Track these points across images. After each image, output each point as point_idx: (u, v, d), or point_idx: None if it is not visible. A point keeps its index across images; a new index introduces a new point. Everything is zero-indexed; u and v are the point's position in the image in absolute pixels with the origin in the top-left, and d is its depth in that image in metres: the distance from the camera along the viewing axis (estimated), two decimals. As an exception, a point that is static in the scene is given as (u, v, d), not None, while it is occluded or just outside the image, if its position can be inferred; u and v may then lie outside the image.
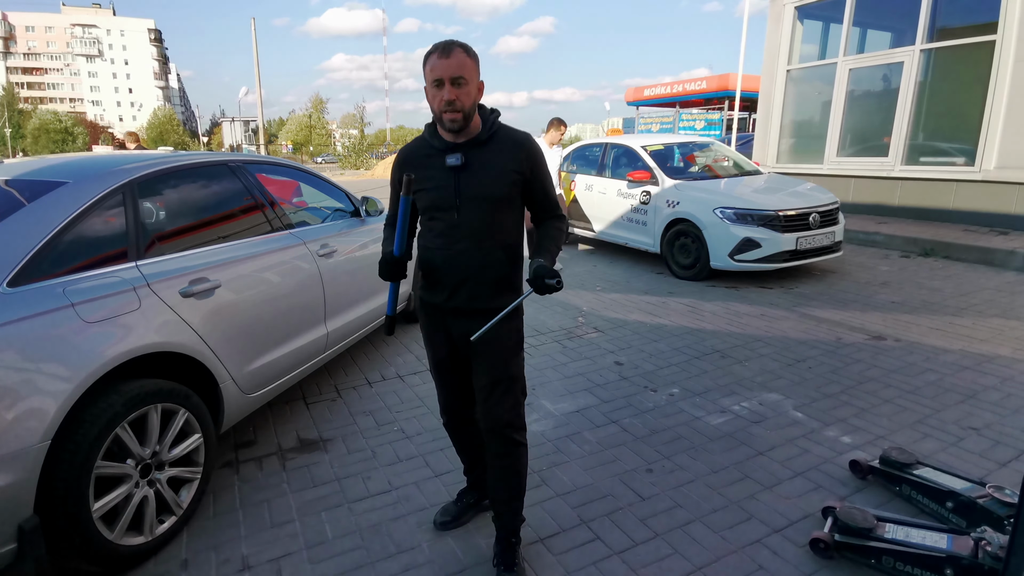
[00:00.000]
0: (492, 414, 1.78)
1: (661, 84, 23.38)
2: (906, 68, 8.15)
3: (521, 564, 1.85)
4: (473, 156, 1.69)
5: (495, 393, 1.77)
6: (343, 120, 68.75)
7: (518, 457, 1.82)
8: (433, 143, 1.72)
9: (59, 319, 1.72)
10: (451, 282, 1.75)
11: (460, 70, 1.58)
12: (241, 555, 1.97)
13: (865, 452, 2.50)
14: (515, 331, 1.80)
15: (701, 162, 6.77)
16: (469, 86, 1.61)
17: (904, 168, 8.26)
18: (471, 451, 2.07)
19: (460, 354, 1.85)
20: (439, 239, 1.74)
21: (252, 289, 2.54)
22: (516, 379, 1.80)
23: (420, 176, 1.72)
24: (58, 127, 61.17)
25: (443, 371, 1.91)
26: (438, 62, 1.58)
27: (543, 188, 1.79)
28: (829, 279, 5.58)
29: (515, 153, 1.71)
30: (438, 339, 1.86)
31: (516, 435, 1.80)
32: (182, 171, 2.55)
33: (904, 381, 3.24)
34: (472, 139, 1.69)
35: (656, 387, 3.22)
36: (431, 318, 1.86)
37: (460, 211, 1.70)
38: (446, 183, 1.70)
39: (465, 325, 1.76)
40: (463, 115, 1.62)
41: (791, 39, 9.72)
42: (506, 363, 1.77)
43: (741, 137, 14.61)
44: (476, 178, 1.69)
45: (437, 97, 1.60)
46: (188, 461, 2.10)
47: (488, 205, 1.70)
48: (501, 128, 1.74)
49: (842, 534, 1.89)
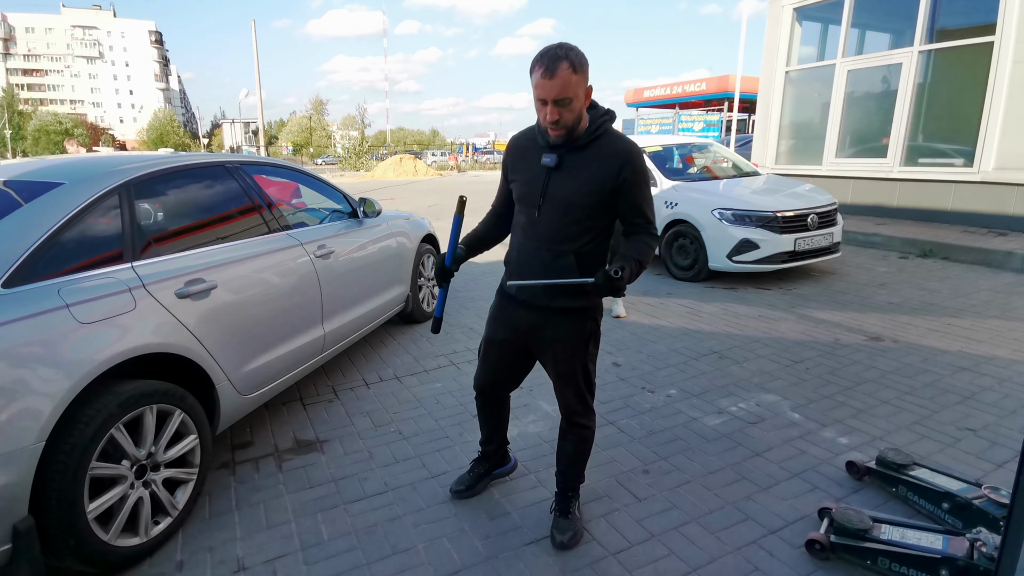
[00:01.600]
0: (561, 400, 1.95)
1: (660, 85, 23.41)
2: (905, 69, 8.15)
3: (575, 513, 2.03)
4: (569, 159, 1.69)
5: (562, 386, 1.91)
6: (344, 121, 68.79)
7: (584, 436, 1.99)
8: (538, 139, 1.75)
9: (54, 320, 1.72)
10: (521, 277, 1.80)
11: (563, 91, 1.55)
12: (236, 556, 1.96)
13: (862, 453, 2.50)
14: (585, 330, 1.84)
15: (700, 163, 6.78)
16: (574, 103, 1.59)
17: (903, 169, 8.27)
18: (493, 426, 2.21)
19: (518, 344, 1.94)
20: (519, 233, 1.82)
21: (249, 290, 2.54)
22: (579, 373, 1.87)
23: (517, 167, 1.80)
24: (58, 128, 61.24)
25: (494, 352, 2.01)
26: (542, 81, 1.55)
27: (636, 202, 1.72)
28: (827, 280, 5.58)
29: (612, 163, 1.67)
30: (501, 322, 1.95)
31: (581, 419, 1.95)
32: (179, 172, 2.55)
33: (901, 382, 3.24)
34: (571, 142, 1.69)
35: (654, 388, 3.22)
36: (501, 302, 1.95)
37: (540, 211, 1.73)
38: (536, 180, 1.73)
39: (530, 319, 1.85)
40: (566, 130, 1.64)
41: (790, 40, 9.73)
42: (572, 359, 1.85)
43: (740, 138, 14.63)
44: (564, 181, 1.69)
45: (541, 112, 1.62)
46: (184, 462, 2.10)
47: (568, 210, 1.70)
48: (607, 134, 1.70)
49: (838, 535, 1.88)
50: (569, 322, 1.82)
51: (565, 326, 1.82)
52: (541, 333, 1.86)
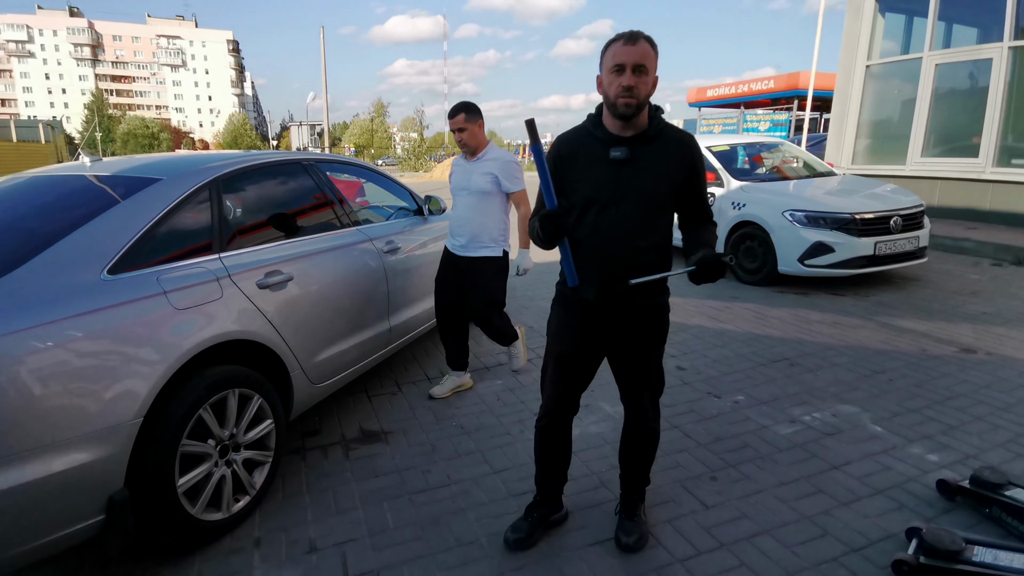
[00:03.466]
0: (634, 403, 1.91)
1: (725, 84, 22.73)
2: (995, 65, 7.55)
3: (641, 516, 1.99)
4: (638, 151, 1.67)
5: (637, 386, 1.88)
6: (403, 123, 70.55)
7: (654, 439, 1.97)
8: (596, 133, 1.71)
9: (154, 305, 1.84)
10: (601, 278, 1.73)
11: (643, 58, 1.58)
12: (308, 537, 2.04)
13: (953, 472, 2.32)
14: (663, 327, 1.83)
15: (769, 163, 6.52)
16: (648, 76, 1.60)
17: (996, 170, 7.66)
18: (555, 461, 2.00)
19: (590, 352, 1.86)
20: (592, 233, 1.71)
21: (322, 283, 2.63)
22: (655, 373, 1.87)
23: (576, 166, 1.71)
24: (145, 132, 66.03)
25: (563, 368, 1.87)
26: (623, 48, 1.58)
27: (700, 191, 1.77)
28: (911, 287, 5.23)
29: (681, 152, 1.70)
30: (572, 334, 1.84)
31: (652, 423, 1.93)
32: (260, 169, 2.68)
33: (996, 397, 2.99)
34: (639, 134, 1.67)
35: (720, 393, 3.11)
36: (569, 312, 1.83)
37: (619, 207, 1.67)
38: (606, 175, 1.68)
39: (606, 322, 1.79)
40: (637, 103, 1.60)
41: (871, 33, 9.20)
42: (649, 359, 1.84)
43: (812, 138, 13.96)
44: (639, 173, 1.66)
45: (615, 83, 1.59)
46: (261, 445, 2.20)
47: (647, 202, 1.68)
48: (667, 127, 1.72)
49: (928, 557, 1.76)
50: (648, 319, 1.79)
51: (645, 324, 1.79)
52: (620, 333, 1.80)
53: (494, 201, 2.98)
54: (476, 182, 2.95)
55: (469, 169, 2.99)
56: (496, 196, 2.98)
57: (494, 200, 2.98)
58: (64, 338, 1.60)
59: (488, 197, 2.96)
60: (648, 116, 1.68)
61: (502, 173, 2.95)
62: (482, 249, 2.99)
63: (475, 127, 2.92)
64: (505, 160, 2.98)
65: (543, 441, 1.99)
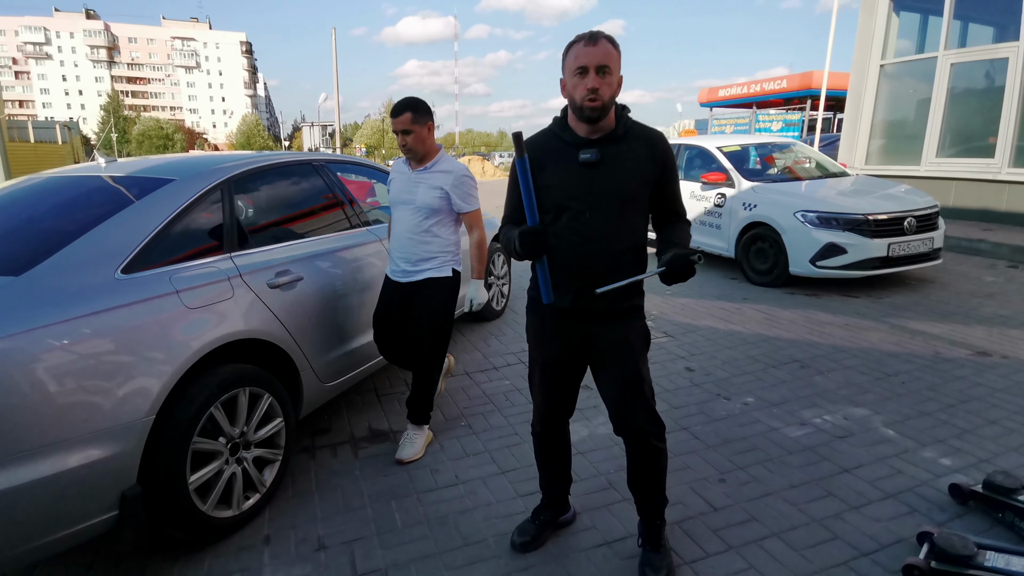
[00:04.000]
0: (629, 423, 1.74)
1: (737, 84, 22.57)
2: (1011, 64, 7.44)
3: (666, 544, 1.87)
4: (607, 152, 1.62)
5: (627, 398, 1.72)
6: (414, 124, 70.67)
7: (660, 459, 1.79)
8: (563, 136, 1.66)
9: (166, 304, 1.87)
10: (577, 284, 1.66)
11: (606, 59, 1.54)
12: (317, 535, 2.06)
13: (966, 476, 2.29)
14: (642, 330, 1.75)
15: (781, 163, 6.46)
16: (612, 77, 1.56)
17: (1012, 171, 7.54)
18: (556, 465, 1.98)
19: (574, 359, 1.78)
20: (566, 239, 1.65)
21: (332, 283, 2.65)
22: (645, 380, 1.74)
23: (544, 170, 1.65)
24: (160, 133, 66.84)
25: (550, 376, 1.82)
26: (584, 50, 1.55)
27: (673, 189, 1.73)
28: (925, 289, 5.17)
29: (650, 151, 1.66)
30: (551, 343, 1.77)
31: (656, 442, 1.76)
32: (271, 169, 2.70)
33: (1012, 401, 2.95)
34: (607, 134, 1.64)
35: (729, 395, 3.10)
36: (546, 321, 1.77)
37: (592, 210, 1.63)
38: (577, 179, 1.63)
39: (582, 328, 1.72)
40: (603, 105, 1.56)
41: (886, 32, 9.09)
42: (636, 364, 1.71)
43: (825, 138, 13.83)
44: (610, 175, 1.62)
45: (579, 86, 1.56)
46: (271, 443, 2.22)
47: (621, 203, 1.64)
48: (635, 125, 1.68)
49: (939, 561, 1.74)
50: (626, 323, 1.72)
51: (623, 328, 1.71)
52: (598, 341, 1.72)
53: (443, 220, 2.51)
54: (423, 197, 2.46)
55: (414, 180, 2.49)
56: (446, 215, 2.51)
57: (443, 219, 2.51)
58: (79, 336, 1.63)
59: (435, 215, 2.48)
60: (615, 116, 1.65)
61: (455, 189, 2.47)
62: (427, 271, 2.51)
63: (423, 130, 2.44)
64: (458, 174, 2.49)
65: (541, 447, 1.97)
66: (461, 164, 2.55)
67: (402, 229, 2.53)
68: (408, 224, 2.51)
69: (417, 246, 2.50)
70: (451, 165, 2.51)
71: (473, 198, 2.55)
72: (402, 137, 2.44)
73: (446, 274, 2.54)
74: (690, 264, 1.54)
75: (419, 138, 2.44)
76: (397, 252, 2.56)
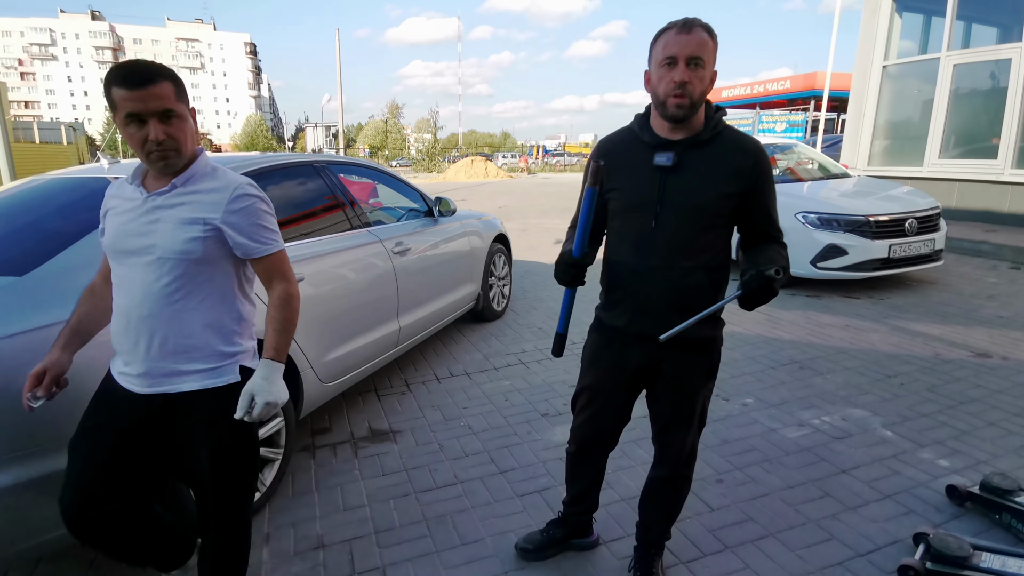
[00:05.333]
0: (668, 447, 1.67)
1: (740, 85, 22.55)
2: (1014, 65, 7.43)
3: (658, 573, 1.77)
4: (688, 157, 1.45)
5: (675, 426, 1.63)
6: (417, 124, 71.00)
7: (683, 488, 1.73)
8: (642, 136, 1.50)
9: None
10: (637, 303, 1.52)
11: (699, 50, 1.36)
12: (317, 534, 2.07)
13: (963, 477, 2.30)
14: (710, 363, 1.59)
15: (783, 164, 6.46)
16: (704, 71, 1.38)
17: (1015, 172, 7.53)
18: (585, 486, 1.87)
19: (628, 388, 1.64)
20: (629, 250, 1.52)
21: (332, 284, 2.67)
22: (698, 414, 1.62)
23: (616, 172, 1.51)
24: (164, 134, 66.94)
25: (600, 401, 1.68)
26: (675, 37, 1.37)
27: (766, 207, 1.51)
28: (926, 290, 5.16)
29: (740, 161, 1.45)
30: (605, 365, 1.64)
31: (685, 470, 1.69)
32: (271, 171, 2.72)
33: (1012, 403, 2.94)
34: (691, 137, 1.45)
35: (728, 396, 3.10)
36: (604, 340, 1.64)
37: (659, 219, 1.46)
38: (648, 184, 1.47)
39: (645, 355, 1.56)
40: (691, 102, 1.39)
41: (888, 33, 9.09)
42: (692, 400, 1.59)
43: (828, 139, 13.80)
44: (687, 182, 1.45)
45: (665, 78, 1.38)
46: (271, 442, 2.24)
47: (695, 216, 1.45)
48: (726, 129, 1.49)
49: (935, 562, 1.74)
50: (695, 355, 1.56)
51: (690, 359, 1.56)
52: (661, 369, 1.57)
53: (212, 276, 1.40)
54: (169, 238, 1.34)
55: (149, 211, 1.36)
56: (219, 265, 1.41)
57: (212, 274, 1.40)
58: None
59: (197, 268, 1.37)
60: (704, 116, 1.47)
61: (233, 220, 1.38)
62: (191, 375, 1.39)
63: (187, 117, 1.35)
64: (238, 192, 1.38)
65: (570, 466, 1.87)
66: (239, 177, 1.42)
67: (131, 299, 1.36)
68: (143, 290, 1.35)
69: (165, 329, 1.36)
70: (223, 179, 1.40)
71: (269, 231, 1.43)
72: (156, 128, 1.28)
73: (230, 378, 1.42)
74: (768, 282, 1.32)
75: (183, 130, 1.33)
76: (127, 341, 1.38)
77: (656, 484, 1.73)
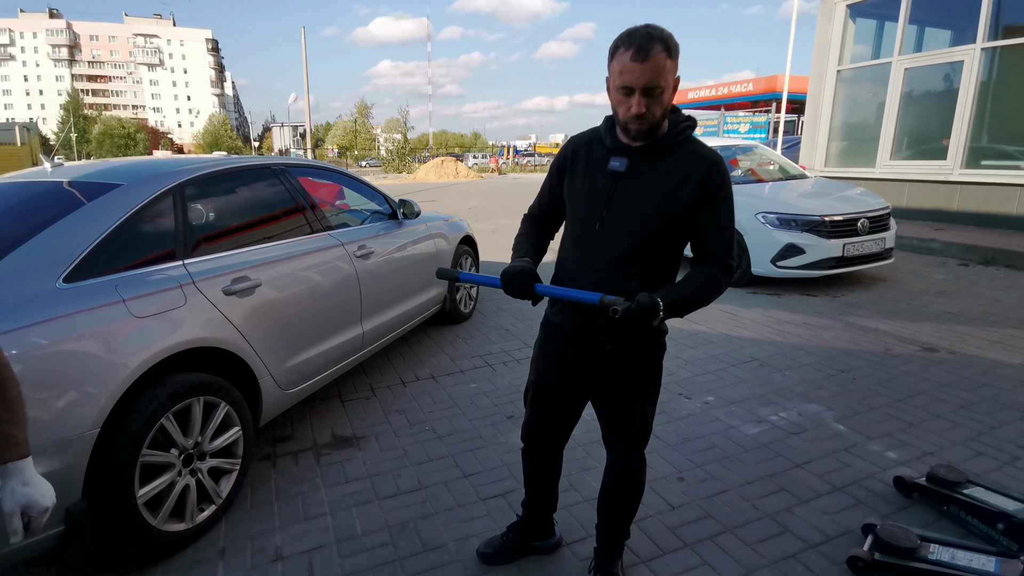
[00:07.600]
0: (614, 452, 1.67)
1: (705, 87, 22.98)
2: (966, 68, 7.75)
3: (618, 573, 1.78)
4: (643, 164, 1.44)
5: (615, 432, 1.64)
6: (387, 124, 70.14)
7: (635, 491, 1.72)
8: (605, 139, 1.50)
9: (111, 314, 1.82)
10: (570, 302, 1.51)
11: (656, 78, 1.32)
12: (275, 546, 2.03)
13: (911, 469, 2.39)
14: (645, 371, 1.58)
15: (744, 166, 6.61)
16: (664, 94, 1.35)
17: (964, 172, 7.86)
18: (540, 484, 1.87)
19: (568, 388, 1.66)
20: (573, 249, 1.54)
21: (291, 288, 2.62)
22: (638, 424, 1.62)
23: (576, 171, 1.54)
24: (121, 133, 64.90)
25: (543, 397, 1.71)
26: (631, 65, 1.31)
27: (713, 220, 1.45)
28: (879, 287, 5.35)
29: (694, 171, 1.42)
30: (549, 362, 1.66)
31: (635, 473, 1.68)
32: (228, 174, 2.66)
33: (957, 395, 3.07)
34: (649, 144, 1.44)
35: (690, 394, 3.16)
36: (547, 337, 1.67)
37: (603, 223, 1.46)
38: (599, 187, 1.48)
39: (581, 357, 1.57)
40: (651, 124, 1.39)
41: (842, 38, 9.39)
42: (628, 405, 1.58)
43: (787, 140, 14.19)
44: (636, 190, 1.44)
45: (623, 104, 1.37)
46: (228, 453, 2.18)
47: (638, 225, 1.44)
48: (689, 141, 1.47)
49: (883, 553, 1.80)
50: (629, 360, 1.55)
51: (626, 368, 1.55)
52: (596, 374, 1.59)
53: None
54: None
55: None
56: None
57: None
58: (16, 348, 1.57)
59: None
60: (670, 124, 1.45)
61: None
62: None
63: None
64: None
65: (525, 464, 1.88)
66: None
67: None
68: None
69: None
70: None
71: None
72: None
73: None
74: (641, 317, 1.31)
75: None
76: None
77: (609, 487, 1.74)
